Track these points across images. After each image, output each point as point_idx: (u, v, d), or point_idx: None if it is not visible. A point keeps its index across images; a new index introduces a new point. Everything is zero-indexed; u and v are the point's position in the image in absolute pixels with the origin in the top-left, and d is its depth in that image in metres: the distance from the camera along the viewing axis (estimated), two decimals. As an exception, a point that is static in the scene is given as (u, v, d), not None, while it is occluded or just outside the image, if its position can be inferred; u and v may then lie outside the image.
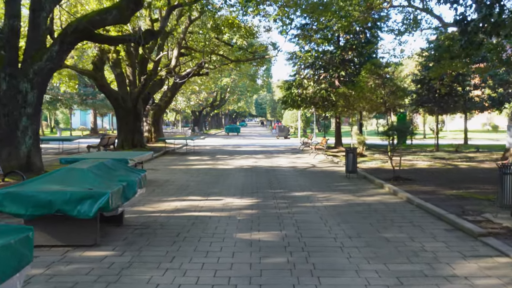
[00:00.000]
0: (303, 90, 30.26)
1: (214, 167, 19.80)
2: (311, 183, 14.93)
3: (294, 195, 12.60)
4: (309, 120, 55.02)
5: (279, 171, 18.35)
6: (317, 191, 13.16)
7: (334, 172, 17.90)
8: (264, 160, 23.16)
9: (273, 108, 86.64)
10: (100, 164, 8.42)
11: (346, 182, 15.18)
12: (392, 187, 13.05)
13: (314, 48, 29.72)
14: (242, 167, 19.85)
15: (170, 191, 13.18)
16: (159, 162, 21.90)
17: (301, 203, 11.34)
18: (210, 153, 27.85)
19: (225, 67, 35.29)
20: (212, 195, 12.50)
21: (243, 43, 30.12)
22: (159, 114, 34.82)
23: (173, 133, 50.62)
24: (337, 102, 27.58)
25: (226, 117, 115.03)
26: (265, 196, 12.43)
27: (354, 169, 15.92)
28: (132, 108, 26.69)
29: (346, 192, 13.05)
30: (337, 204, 11.24)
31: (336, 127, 31.86)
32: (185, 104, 52.71)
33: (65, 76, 30.80)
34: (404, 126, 15.35)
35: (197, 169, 19.13)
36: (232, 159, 23.81)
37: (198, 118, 65.92)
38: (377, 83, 19.76)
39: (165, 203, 11.31)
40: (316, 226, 8.91)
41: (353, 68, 30.13)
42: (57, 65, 14.28)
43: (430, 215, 9.86)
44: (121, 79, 27.08)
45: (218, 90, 62.60)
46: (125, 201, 7.85)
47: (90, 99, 48.86)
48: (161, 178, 16.13)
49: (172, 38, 29.94)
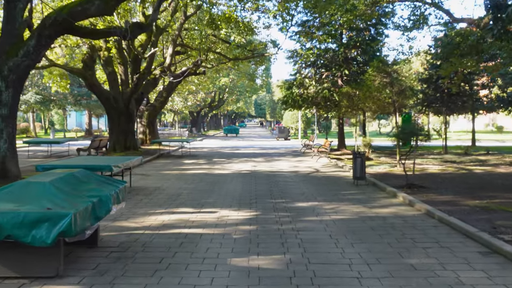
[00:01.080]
0: (304, 89, 28.90)
1: (210, 172, 18.43)
2: (316, 191, 13.55)
3: (298, 206, 11.23)
4: (310, 121, 53.67)
5: (280, 177, 16.98)
6: (323, 201, 11.79)
7: (339, 178, 16.52)
8: (263, 164, 21.79)
9: (273, 108, 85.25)
10: (68, 176, 7.03)
11: (354, 190, 13.80)
12: (407, 197, 11.68)
13: (316, 45, 28.36)
14: (240, 172, 18.48)
15: (159, 201, 11.80)
16: (151, 167, 20.53)
17: (306, 217, 9.97)
18: (207, 156, 26.48)
19: (223, 66, 33.91)
20: (205, 207, 11.12)
21: (241, 41, 28.74)
22: (154, 115, 33.42)
23: (170, 135, 49.20)
24: (340, 102, 26.22)
25: (225, 117, 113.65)
26: (265, 207, 11.05)
27: (362, 175, 14.55)
28: (125, 109, 25.31)
29: (356, 202, 11.68)
30: (347, 217, 9.87)
31: (339, 129, 30.48)
32: (182, 105, 51.24)
33: (56, 76, 29.43)
34: (418, 129, 13.96)
35: (191, 174, 17.76)
36: (229, 163, 22.43)
37: (196, 119, 64.47)
38: (385, 82, 18.40)
39: (152, 217, 9.94)
40: (325, 247, 7.55)
41: (356, 66, 28.80)
42: (35, 61, 12.91)
43: (457, 233, 8.49)
44: (113, 78, 25.70)
45: (216, 90, 61.17)
46: (96, 221, 6.48)
47: (85, 100, 47.46)
48: (151, 185, 14.75)
49: (166, 35, 28.59)
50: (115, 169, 11.83)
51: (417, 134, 13.42)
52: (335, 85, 27.90)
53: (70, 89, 45.46)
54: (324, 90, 27.14)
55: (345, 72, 27.29)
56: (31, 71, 42.41)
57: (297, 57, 29.12)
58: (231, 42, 27.83)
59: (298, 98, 28.74)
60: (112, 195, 7.11)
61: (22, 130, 50.78)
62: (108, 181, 7.83)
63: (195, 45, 27.34)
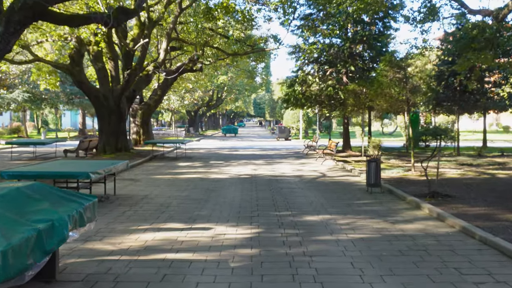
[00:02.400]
0: (306, 87, 27.20)
1: (206, 177, 16.73)
2: (325, 200, 11.86)
3: (307, 220, 9.54)
4: (311, 120, 51.92)
5: (284, 182, 15.28)
6: (335, 214, 10.11)
7: (350, 184, 14.82)
8: (264, 167, 20.10)
9: (272, 108, 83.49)
10: (12, 192, 5.32)
11: (369, 199, 12.11)
12: (434, 209, 9.99)
13: (320, 40, 26.66)
14: (240, 177, 16.79)
15: (145, 214, 10.11)
16: (142, 170, 18.83)
17: (319, 235, 8.29)
18: (204, 158, 24.77)
19: (221, 62, 32.17)
20: (198, 221, 9.43)
21: (240, 35, 27.05)
22: (148, 114, 31.68)
23: (166, 135, 47.42)
24: (346, 101, 24.53)
25: (223, 117, 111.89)
26: (269, 222, 9.37)
27: (377, 182, 12.87)
28: (115, 107, 23.59)
29: (374, 215, 10.00)
30: (368, 236, 8.19)
31: (344, 128, 28.78)
32: (178, 104, 49.44)
33: (44, 73, 27.66)
34: (442, 129, 12.29)
35: (185, 179, 16.06)
36: (228, 166, 20.74)
37: (194, 118, 62.67)
38: (397, 78, 16.71)
39: (133, 235, 8.25)
40: (348, 283, 5.86)
41: (362, 63, 27.13)
42: (4, 51, 11.19)
43: (510, 260, 6.80)
44: (102, 75, 23.98)
45: (214, 89, 59.36)
46: (43, 256, 4.77)
47: (78, 98, 45.67)
48: (139, 192, 13.04)
49: (160, 29, 26.89)
50: (93, 176, 10.15)
51: (441, 134, 11.71)
52: (340, 82, 26.23)
53: (62, 87, 43.79)
54: (328, 87, 25.42)
55: (350, 69, 25.60)
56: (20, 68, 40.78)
57: (300, 53, 27.43)
58: (230, 37, 26.10)
59: (301, 96, 27.05)
60: (72, 217, 5.43)
61: (14, 129, 49.06)
62: (70, 197, 6.11)
63: (191, 39, 25.61)
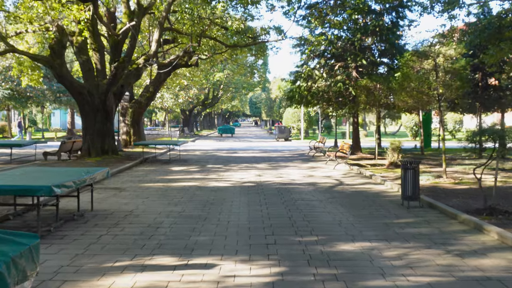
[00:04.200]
0: (312, 83, 24.81)
1: (203, 185, 14.29)
2: (356, 218, 9.45)
3: (342, 250, 7.13)
4: (312, 120, 49.56)
5: (296, 192, 12.87)
6: (376, 239, 7.72)
7: (377, 196, 12.41)
8: (270, 173, 17.68)
9: (270, 107, 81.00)
10: None
11: (409, 216, 9.71)
12: (506, 234, 7.60)
13: (328, 31, 24.26)
14: (243, 185, 14.36)
15: (126, 240, 7.68)
16: (130, 176, 16.37)
17: (368, 279, 5.88)
18: (200, 161, 22.32)
19: (218, 57, 29.71)
20: (196, 252, 7.02)
21: (239, 26, 24.62)
22: (139, 113, 29.12)
23: (159, 135, 44.79)
24: (358, 97, 22.15)
25: (219, 116, 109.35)
26: (292, 254, 6.96)
27: (416, 194, 10.48)
28: (101, 105, 21.09)
29: (427, 242, 7.61)
30: (438, 280, 5.80)
31: (353, 128, 26.36)
32: (172, 102, 46.78)
33: (27, 68, 25.11)
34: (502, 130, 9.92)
35: (179, 188, 13.60)
36: (228, 171, 18.31)
37: (188, 117, 60.02)
38: (426, 69, 14.33)
39: (105, 280, 5.83)
40: None
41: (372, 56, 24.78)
42: None
43: None
44: (87, 68, 21.45)
45: (210, 87, 56.71)
46: None
47: (65, 96, 42.96)
48: (122, 207, 10.59)
49: (152, 18, 24.42)
50: (58, 190, 7.68)
51: (506, 135, 9.35)
52: (350, 78, 23.87)
53: (48, 85, 41.23)
54: (338, 83, 23.02)
55: (362, 62, 23.21)
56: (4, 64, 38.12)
57: (305, 46, 25.04)
58: (229, 27, 23.66)
59: (306, 93, 24.66)
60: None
61: (-1, 129, 46.43)
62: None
63: (186, 29, 23.13)
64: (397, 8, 24.11)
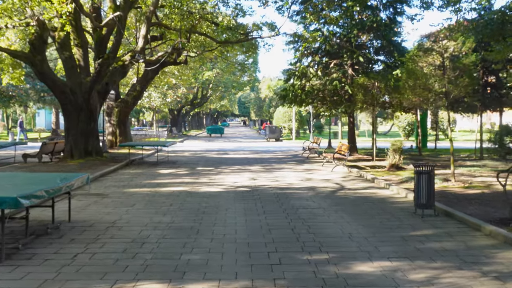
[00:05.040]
0: (306, 81, 23.80)
1: (194, 190, 13.18)
2: (367, 229, 8.42)
3: (360, 272, 6.09)
4: (304, 119, 48.56)
5: (296, 198, 11.81)
6: (396, 257, 6.68)
7: (384, 202, 11.37)
8: (264, 176, 16.61)
9: (259, 106, 79.83)
10: None
11: (426, 227, 8.68)
12: (546, 250, 6.63)
13: (323, 27, 23.25)
14: (237, 190, 13.28)
15: (106, 261, 6.57)
16: (114, 180, 15.20)
17: (399, 313, 4.85)
18: (189, 163, 21.18)
19: (208, 54, 28.57)
20: (189, 276, 5.95)
21: (230, 22, 23.51)
22: (125, 112, 27.85)
23: (146, 136, 43.43)
24: (355, 96, 21.17)
25: (207, 116, 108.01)
26: (302, 276, 5.92)
27: (431, 202, 9.47)
28: (84, 104, 19.87)
29: (455, 260, 6.60)
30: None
31: (349, 128, 25.37)
32: (160, 101, 45.39)
33: (7, 65, 23.81)
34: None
35: (168, 194, 12.49)
36: (219, 173, 17.21)
37: (177, 117, 58.65)
38: (434, 65, 13.34)
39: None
40: None
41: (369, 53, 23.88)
42: None
43: None
44: (70, 65, 20.21)
45: (199, 86, 55.37)
46: None
47: (50, 96, 41.44)
48: (104, 217, 9.46)
49: (139, 13, 23.22)
50: (26, 202, 6.55)
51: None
52: (346, 76, 22.91)
53: (32, 84, 39.79)
54: (334, 81, 22.02)
55: (359, 60, 22.25)
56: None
57: (299, 42, 24.01)
58: (220, 23, 22.55)
59: (300, 92, 23.64)
60: None
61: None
62: None
63: (175, 24, 21.95)
64: (394, 4, 23.20)
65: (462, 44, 13.17)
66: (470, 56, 13.08)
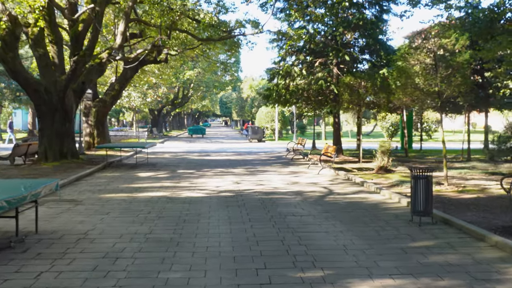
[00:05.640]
0: (291, 80, 23.17)
1: (174, 196, 12.40)
2: (362, 240, 7.75)
3: (361, 294, 5.42)
4: (286, 120, 47.95)
5: (283, 205, 11.10)
6: (399, 275, 6.01)
7: (376, 208, 10.73)
8: (249, 179, 15.89)
9: (241, 107, 79.04)
10: None
11: (425, 237, 8.04)
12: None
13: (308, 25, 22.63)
14: (220, 195, 12.54)
15: (73, 282, 5.79)
16: (89, 185, 14.35)
17: None
18: (170, 165, 20.37)
19: (189, 53, 27.76)
20: (168, 301, 5.21)
21: (212, 20, 22.76)
22: (104, 112, 26.87)
23: (126, 136, 42.27)
24: (341, 96, 20.59)
25: (188, 116, 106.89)
26: (296, 301, 5.21)
27: (428, 209, 8.85)
28: (59, 103, 18.92)
29: (465, 277, 5.96)
30: None
31: (334, 129, 24.79)
32: (140, 101, 44.30)
33: (-22, 63, 22.69)
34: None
35: (146, 200, 11.69)
36: (201, 177, 16.45)
37: (157, 118, 57.56)
38: (427, 64, 12.77)
39: None
40: None
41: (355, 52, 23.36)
42: None
43: None
44: (44, 63, 19.22)
45: (180, 85, 54.34)
46: None
47: (25, 95, 40.13)
48: (76, 227, 8.65)
49: (117, 8, 22.33)
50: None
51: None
52: (331, 75, 22.35)
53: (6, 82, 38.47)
54: (319, 80, 21.42)
55: (345, 58, 21.68)
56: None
57: (283, 40, 23.36)
58: (201, 20, 21.78)
59: (284, 91, 23.01)
60: None
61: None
62: None
63: (154, 20, 21.08)
64: (380, 2, 22.69)
65: (456, 41, 12.58)
66: (464, 54, 12.50)
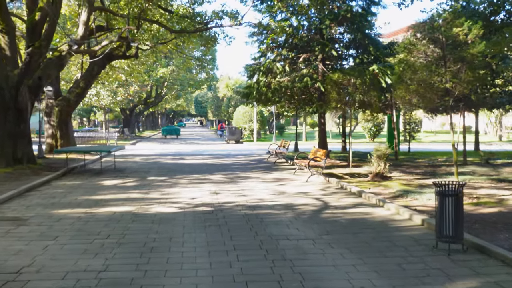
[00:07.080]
0: (272, 77, 21.34)
1: (141, 211, 10.38)
2: (385, 281, 5.88)
3: None
4: (265, 120, 46.11)
5: (273, 224, 9.18)
6: None
7: (386, 228, 8.89)
8: (228, 188, 13.94)
9: (217, 106, 76.91)
10: None
11: (463, 273, 6.22)
12: None
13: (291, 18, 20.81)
14: (196, 210, 10.56)
15: None
16: (43, 196, 12.21)
17: None
18: (140, 171, 18.29)
19: (162, 48, 25.66)
20: None
21: (186, 11, 20.76)
22: (67, 112, 24.49)
23: (93, 138, 39.73)
24: (328, 95, 18.82)
25: (163, 116, 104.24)
26: None
27: (459, 234, 7.05)
28: (12, 101, 16.67)
29: None
30: None
31: (320, 130, 23.01)
32: (110, 100, 41.76)
33: None
34: None
35: (107, 218, 9.64)
36: (174, 185, 14.44)
37: (129, 118, 55.02)
38: (434, 56, 11.05)
39: None
40: None
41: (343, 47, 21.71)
42: None
43: None
44: (-5, 57, 16.99)
45: (153, 83, 51.94)
46: None
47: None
48: (9, 262, 6.59)
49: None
50: None
51: None
52: (317, 71, 20.60)
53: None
54: (304, 77, 19.63)
55: (331, 53, 19.95)
56: None
57: (264, 34, 21.51)
58: (175, 10, 19.75)
59: (265, 89, 21.15)
60: None
61: None
62: None
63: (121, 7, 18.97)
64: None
65: (469, 31, 10.88)
66: (478, 45, 10.81)
